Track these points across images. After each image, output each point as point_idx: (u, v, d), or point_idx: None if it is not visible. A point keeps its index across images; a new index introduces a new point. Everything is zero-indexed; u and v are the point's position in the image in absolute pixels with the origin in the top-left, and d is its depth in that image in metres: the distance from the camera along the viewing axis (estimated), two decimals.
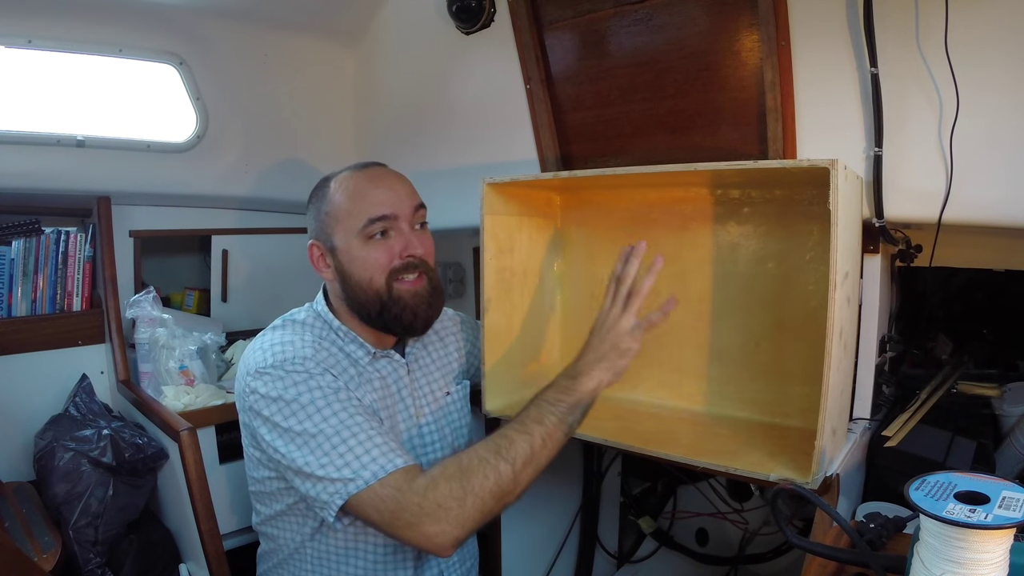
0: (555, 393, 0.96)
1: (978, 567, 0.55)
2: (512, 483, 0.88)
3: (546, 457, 0.92)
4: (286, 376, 0.94)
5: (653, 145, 1.31)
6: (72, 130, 1.52)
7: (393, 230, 1.03)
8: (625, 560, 1.85)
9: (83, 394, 1.52)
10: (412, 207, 1.05)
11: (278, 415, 0.92)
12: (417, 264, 1.04)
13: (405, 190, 1.06)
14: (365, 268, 1.02)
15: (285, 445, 0.92)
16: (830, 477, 0.93)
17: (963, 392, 1.29)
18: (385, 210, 1.02)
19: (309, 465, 0.89)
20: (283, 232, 2.00)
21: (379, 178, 1.06)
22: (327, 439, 0.90)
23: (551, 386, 0.97)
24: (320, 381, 0.94)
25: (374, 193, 1.03)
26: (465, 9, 1.44)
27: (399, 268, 1.03)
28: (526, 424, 0.92)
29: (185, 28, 1.56)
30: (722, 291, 1.24)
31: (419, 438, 1.10)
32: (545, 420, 0.93)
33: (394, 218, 1.03)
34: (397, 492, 0.86)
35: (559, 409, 0.94)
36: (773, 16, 1.08)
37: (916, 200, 1.04)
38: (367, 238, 1.02)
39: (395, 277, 1.03)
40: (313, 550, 1.03)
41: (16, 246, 1.50)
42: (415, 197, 1.07)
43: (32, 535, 1.20)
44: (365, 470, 0.88)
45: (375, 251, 1.02)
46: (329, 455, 0.89)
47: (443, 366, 1.20)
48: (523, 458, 0.89)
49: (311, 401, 0.92)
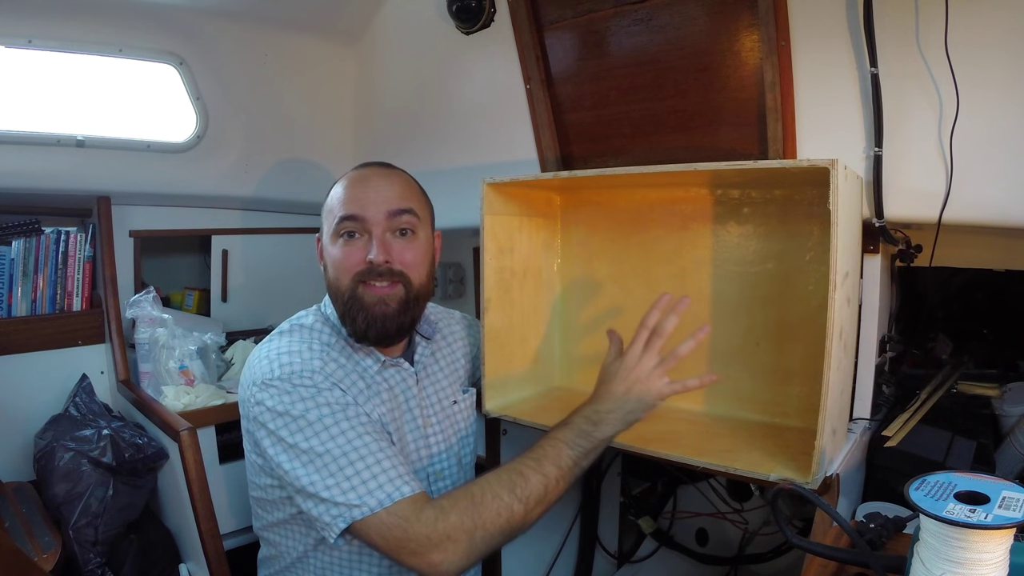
0: (574, 436, 0.94)
1: (978, 567, 0.55)
2: (522, 521, 0.88)
3: (557, 496, 0.91)
4: (293, 390, 0.92)
5: (653, 145, 1.31)
6: (72, 130, 1.52)
7: (363, 233, 1.00)
8: (625, 560, 1.85)
9: (83, 394, 1.52)
10: (386, 212, 1.00)
11: (284, 430, 0.90)
12: (383, 272, 0.99)
13: (385, 193, 1.01)
14: (334, 267, 1.01)
15: (289, 461, 0.90)
16: (830, 477, 0.93)
17: (963, 392, 1.29)
18: (353, 211, 0.99)
19: (314, 485, 0.88)
20: (283, 232, 2.00)
21: (364, 179, 1.04)
22: (334, 459, 0.88)
23: (569, 426, 0.95)
24: (328, 396, 0.92)
25: (350, 192, 1.01)
26: (465, 9, 1.44)
27: (364, 272, 0.99)
28: (542, 464, 0.91)
29: (185, 28, 1.56)
30: (722, 291, 1.24)
31: (426, 448, 1.09)
32: (562, 462, 0.91)
33: (361, 220, 0.99)
34: (404, 521, 0.84)
35: (576, 453, 0.92)
36: (773, 16, 1.08)
37: (916, 200, 1.04)
38: (339, 236, 1.00)
39: (361, 279, 0.99)
40: (316, 560, 1.01)
41: (16, 246, 1.50)
42: (396, 202, 1.01)
43: (32, 535, 1.20)
44: (371, 496, 0.86)
45: (343, 251, 1.00)
46: (335, 476, 0.87)
47: (450, 374, 1.18)
48: (536, 498, 0.88)
49: (319, 418, 0.90)
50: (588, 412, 0.96)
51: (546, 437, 0.95)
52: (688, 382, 0.99)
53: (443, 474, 1.11)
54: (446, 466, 1.11)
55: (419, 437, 1.08)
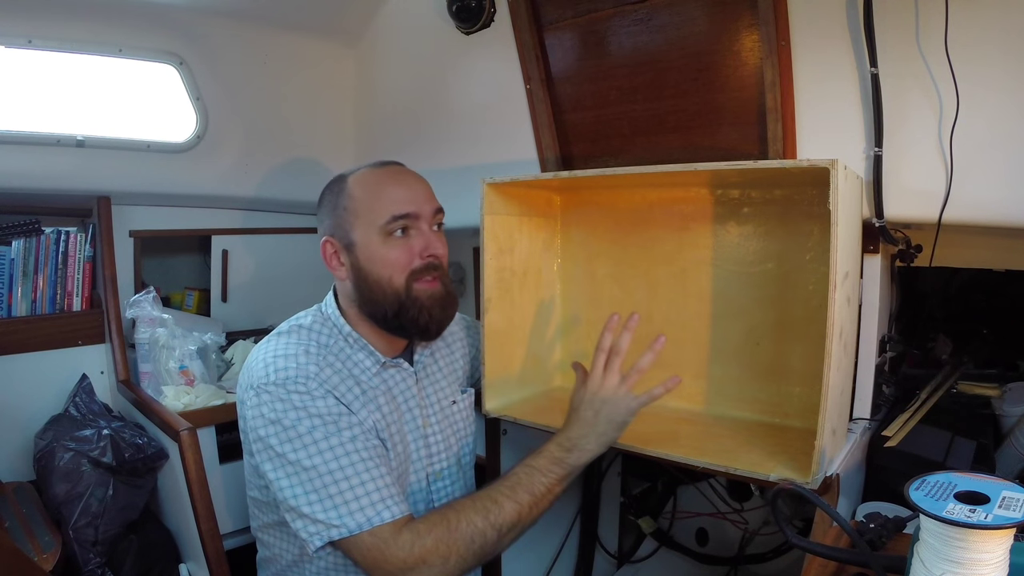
0: (547, 463, 0.96)
1: (978, 567, 0.55)
2: (495, 546, 0.91)
3: (531, 522, 0.94)
4: (287, 397, 0.92)
5: (653, 145, 1.30)
6: (72, 130, 1.52)
7: (414, 229, 1.01)
8: (625, 560, 1.85)
9: (83, 394, 1.52)
10: (433, 208, 1.04)
11: (274, 438, 0.91)
12: (436, 266, 1.02)
13: (427, 191, 1.05)
14: (385, 266, 1.00)
15: (275, 471, 0.91)
16: (830, 477, 0.93)
17: (963, 392, 1.29)
18: (409, 208, 1.00)
19: (297, 499, 0.89)
20: (283, 232, 2.00)
21: (401, 176, 1.05)
22: (319, 476, 0.89)
23: (543, 454, 0.97)
24: (321, 406, 0.92)
25: (396, 190, 1.01)
26: (465, 9, 1.44)
27: (419, 269, 1.01)
28: (516, 492, 0.93)
29: (185, 28, 1.56)
30: (722, 291, 1.24)
31: (425, 448, 1.09)
32: (535, 489, 0.94)
33: (416, 217, 1.01)
34: (382, 543, 0.87)
35: (549, 480, 0.95)
36: (773, 16, 1.08)
37: (916, 200, 1.04)
38: (387, 235, 1.00)
39: (415, 278, 1.01)
40: (313, 564, 1.02)
41: (16, 246, 1.50)
42: (434, 199, 1.05)
43: (32, 535, 1.20)
44: (351, 518, 0.87)
45: (395, 249, 1.00)
46: (319, 492, 0.88)
47: (449, 374, 1.18)
48: (509, 524, 0.91)
49: (309, 430, 0.90)
50: (561, 439, 0.99)
51: (520, 464, 0.97)
52: (654, 391, 1.01)
53: (442, 474, 1.11)
54: (445, 466, 1.12)
55: (418, 437, 1.08)
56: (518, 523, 0.92)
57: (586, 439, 0.98)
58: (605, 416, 0.98)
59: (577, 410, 1.00)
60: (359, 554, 0.88)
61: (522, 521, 0.93)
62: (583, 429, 0.98)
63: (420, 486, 1.08)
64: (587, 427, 0.98)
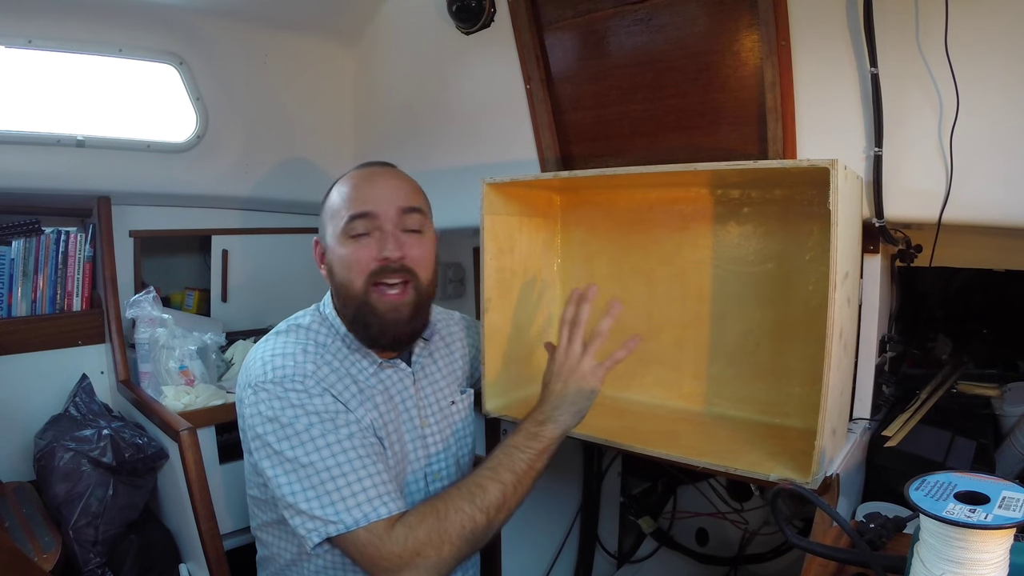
0: (524, 440, 0.97)
1: (978, 567, 0.55)
2: (486, 529, 0.91)
3: (517, 501, 0.95)
4: (284, 395, 0.92)
5: (653, 145, 1.31)
6: (72, 130, 1.52)
7: (373, 231, 0.99)
8: (625, 560, 1.85)
9: (83, 394, 1.52)
10: (398, 208, 1.00)
11: (271, 435, 0.91)
12: (396, 269, 0.99)
13: (396, 192, 1.02)
14: (345, 268, 1.00)
15: (272, 468, 0.91)
16: (830, 477, 0.93)
17: (963, 392, 1.29)
18: (365, 207, 0.98)
19: (294, 495, 0.89)
20: (283, 232, 2.00)
21: (372, 177, 1.04)
22: (316, 472, 0.89)
23: (519, 432, 0.99)
24: (319, 403, 0.93)
25: (359, 191, 1.01)
26: (465, 9, 1.44)
27: (377, 271, 0.98)
28: (498, 472, 0.94)
29: (185, 28, 1.56)
30: (722, 291, 1.24)
31: (423, 448, 1.09)
32: (516, 467, 0.95)
33: (373, 217, 0.99)
34: (377, 540, 0.87)
35: (528, 456, 0.96)
36: (773, 16, 1.08)
37: (916, 200, 1.04)
38: (348, 236, 0.99)
39: (373, 282, 0.98)
40: (311, 563, 1.02)
41: (16, 246, 1.50)
42: (405, 200, 1.02)
43: (32, 535, 1.20)
44: (348, 514, 0.87)
45: (354, 251, 0.99)
46: (316, 489, 0.88)
47: (448, 374, 1.18)
48: (496, 505, 0.92)
49: (306, 427, 0.91)
50: (535, 415, 1.01)
51: (499, 446, 0.99)
52: (616, 354, 1.04)
53: (441, 474, 1.11)
54: (444, 466, 1.12)
55: (417, 437, 1.08)
56: (504, 503, 0.93)
57: (558, 410, 1.00)
58: (574, 386, 1.01)
59: (548, 385, 1.04)
60: (356, 551, 0.88)
61: (508, 501, 0.93)
62: (554, 402, 1.01)
63: (418, 486, 1.08)
64: (558, 399, 1.01)
